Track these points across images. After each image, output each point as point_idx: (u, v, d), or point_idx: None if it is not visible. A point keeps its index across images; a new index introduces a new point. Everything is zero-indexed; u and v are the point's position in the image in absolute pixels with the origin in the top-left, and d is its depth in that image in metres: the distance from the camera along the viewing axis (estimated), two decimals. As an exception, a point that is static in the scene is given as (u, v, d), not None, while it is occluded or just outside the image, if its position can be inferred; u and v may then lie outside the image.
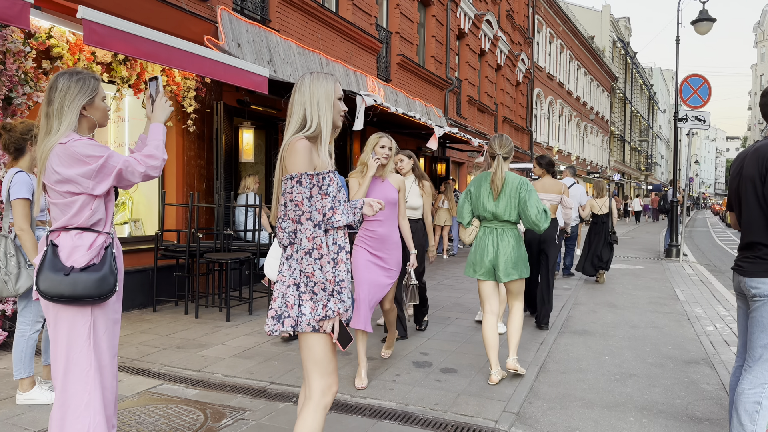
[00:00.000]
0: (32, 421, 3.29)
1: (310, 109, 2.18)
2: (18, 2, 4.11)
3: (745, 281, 2.67)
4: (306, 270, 2.08)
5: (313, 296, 2.09)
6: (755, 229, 2.64)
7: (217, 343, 5.00)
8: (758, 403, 2.61)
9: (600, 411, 3.60)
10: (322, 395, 2.15)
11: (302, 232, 2.09)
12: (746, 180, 2.65)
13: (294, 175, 2.10)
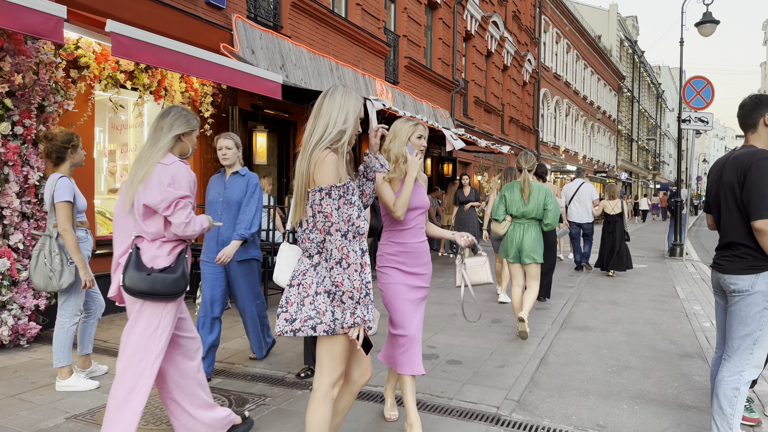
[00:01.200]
0: (72, 406, 3.59)
1: (337, 116, 2.30)
2: (52, 18, 4.41)
3: (725, 278, 2.93)
4: (336, 279, 2.19)
5: (341, 304, 2.21)
6: (734, 230, 2.89)
7: (236, 337, 5.31)
8: (737, 389, 2.86)
9: (595, 399, 3.86)
10: (330, 388, 2.33)
11: (331, 242, 2.20)
12: (726, 186, 2.90)
13: (324, 188, 2.21)
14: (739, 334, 2.87)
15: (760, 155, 2.75)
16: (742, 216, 2.84)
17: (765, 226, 2.68)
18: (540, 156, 25.59)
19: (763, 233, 2.71)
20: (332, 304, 2.24)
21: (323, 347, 2.33)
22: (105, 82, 5.88)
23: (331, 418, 2.36)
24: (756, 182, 2.73)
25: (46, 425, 3.28)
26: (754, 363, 2.84)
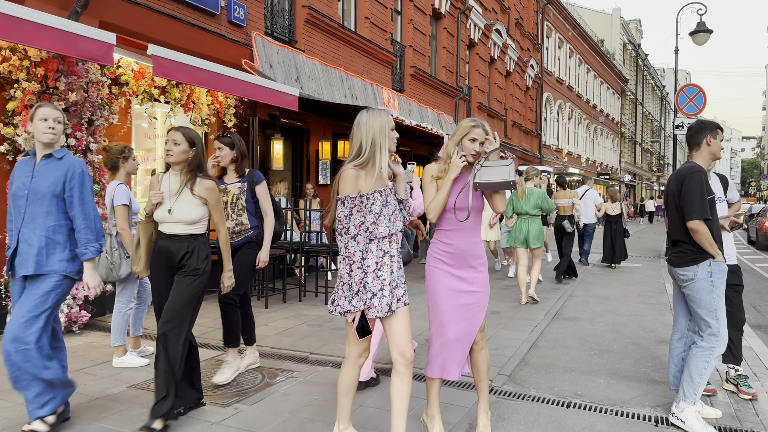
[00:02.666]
0: (129, 378, 4.23)
1: (365, 141, 2.70)
2: (104, 45, 5.08)
3: (675, 270, 3.56)
4: (341, 272, 2.69)
5: (343, 293, 2.69)
6: (677, 230, 3.54)
7: (260, 325, 5.94)
8: (707, 362, 3.46)
9: (577, 375, 4.47)
10: (357, 357, 2.86)
11: (341, 241, 2.68)
12: (670, 195, 3.56)
13: (340, 197, 2.68)
14: (701, 315, 3.48)
15: (694, 169, 3.41)
16: (681, 218, 3.48)
17: (695, 226, 3.34)
18: (543, 159, 26.17)
19: (695, 231, 3.36)
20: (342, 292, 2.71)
21: (348, 326, 2.82)
22: (141, 96, 6.54)
23: (356, 381, 2.90)
24: (688, 191, 3.38)
25: (112, 392, 3.93)
26: (721, 341, 3.45)
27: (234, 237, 4.15)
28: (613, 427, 3.46)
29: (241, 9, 8.12)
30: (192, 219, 3.40)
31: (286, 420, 3.47)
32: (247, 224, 4.18)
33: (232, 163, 4.23)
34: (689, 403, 3.43)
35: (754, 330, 6.48)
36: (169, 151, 3.39)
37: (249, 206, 4.18)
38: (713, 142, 3.59)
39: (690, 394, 3.45)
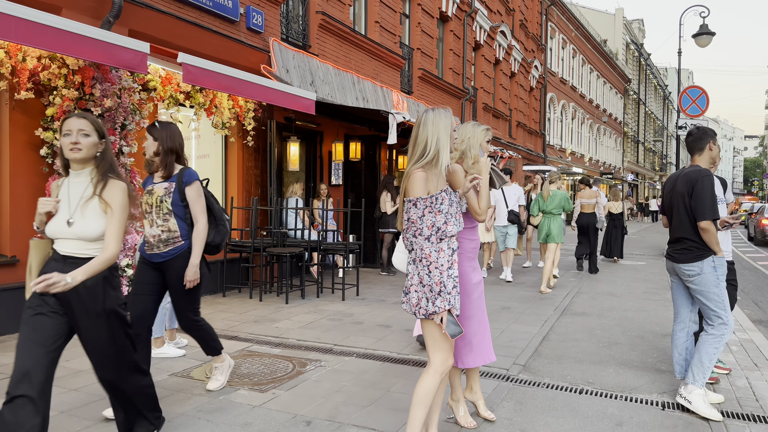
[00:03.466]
0: (169, 367, 4.53)
1: (431, 140, 2.74)
2: (139, 53, 5.37)
3: (680, 267, 3.83)
4: (420, 275, 2.69)
5: (424, 295, 2.68)
6: (683, 228, 3.81)
7: (283, 319, 6.24)
8: (716, 348, 3.75)
9: (587, 365, 4.76)
10: (440, 365, 2.75)
11: (417, 244, 2.70)
12: (678, 195, 3.82)
13: (411, 199, 2.72)
14: (710, 307, 3.76)
15: (704, 173, 3.69)
16: (689, 217, 3.75)
17: (707, 226, 3.62)
18: (547, 159, 26.43)
19: (705, 231, 3.64)
20: (422, 293, 2.70)
21: (426, 328, 2.79)
22: (168, 101, 6.84)
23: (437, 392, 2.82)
24: (701, 193, 3.65)
25: (155, 380, 4.20)
26: (730, 328, 3.74)
27: (161, 246, 3.57)
28: (623, 411, 3.74)
29: (259, 16, 8.41)
30: (96, 234, 2.66)
31: (320, 403, 3.76)
32: (176, 231, 3.56)
33: (155, 157, 3.66)
34: (698, 386, 3.71)
35: (755, 324, 6.75)
36: (75, 145, 2.64)
37: (178, 210, 3.57)
38: (714, 147, 3.89)
39: (699, 378, 3.73)
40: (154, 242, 3.60)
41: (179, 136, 3.71)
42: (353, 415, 3.58)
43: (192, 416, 3.52)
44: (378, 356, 4.88)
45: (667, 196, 3.99)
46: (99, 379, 2.78)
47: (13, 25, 4.39)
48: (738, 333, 5.90)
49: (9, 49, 5.20)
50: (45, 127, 5.55)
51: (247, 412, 3.59)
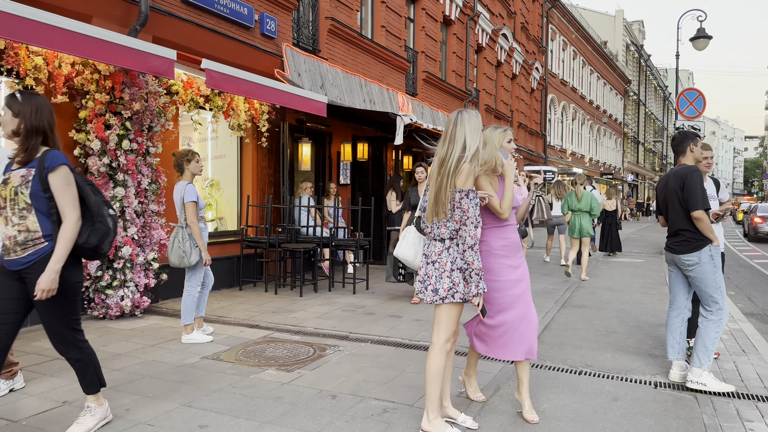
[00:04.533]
0: (199, 351, 4.89)
1: (470, 138, 3.02)
2: (167, 60, 5.75)
3: (680, 257, 4.18)
4: (468, 259, 2.96)
5: (470, 278, 2.96)
6: (679, 221, 4.17)
7: (300, 310, 6.61)
8: (717, 332, 4.11)
9: (586, 351, 5.12)
10: (446, 342, 3.11)
11: (466, 231, 2.95)
12: (671, 191, 4.18)
13: (464, 190, 2.96)
14: (708, 293, 4.12)
15: (692, 168, 4.08)
16: (684, 210, 4.12)
17: (699, 215, 3.99)
18: (548, 159, 26.79)
19: (698, 219, 4.00)
20: (463, 278, 3.00)
21: (443, 311, 3.06)
22: (188, 104, 7.21)
23: (445, 367, 3.17)
24: (691, 185, 4.02)
25: (189, 362, 4.59)
26: (726, 312, 4.11)
27: (18, 250, 2.85)
28: (618, 389, 4.10)
29: (272, 22, 8.78)
30: None
31: (343, 381, 4.13)
32: (36, 230, 2.85)
33: (13, 137, 2.89)
34: (705, 369, 4.06)
35: (747, 317, 7.11)
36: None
37: (38, 204, 2.84)
38: (695, 149, 4.26)
39: (705, 361, 4.08)
40: (10, 245, 2.87)
41: (49, 112, 2.93)
42: (373, 390, 3.94)
43: (227, 391, 3.89)
44: (391, 342, 5.25)
45: (660, 194, 4.36)
46: None
47: (55, 35, 4.77)
48: (730, 323, 6.26)
49: (46, 56, 5.57)
50: (78, 129, 5.92)
51: (277, 388, 3.96)
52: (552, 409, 3.67)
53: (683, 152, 4.27)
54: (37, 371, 4.25)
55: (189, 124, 7.58)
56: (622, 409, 3.70)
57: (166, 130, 6.61)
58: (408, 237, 3.45)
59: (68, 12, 5.77)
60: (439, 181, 3.04)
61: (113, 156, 5.91)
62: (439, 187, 3.03)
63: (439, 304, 3.09)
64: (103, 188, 5.91)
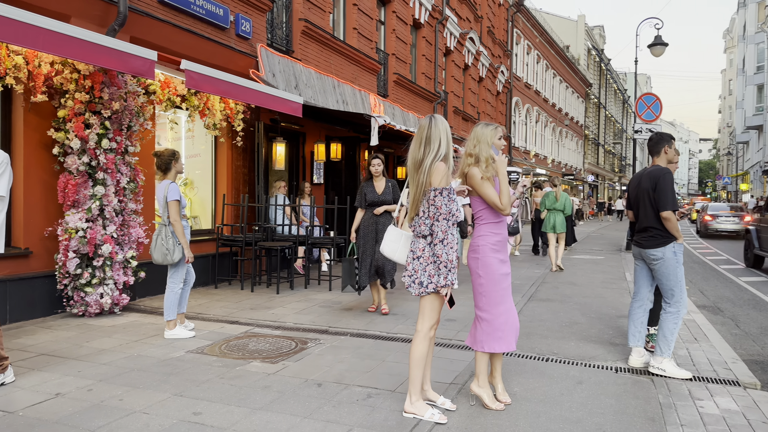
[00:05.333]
0: (183, 346, 5.02)
1: (444, 140, 3.26)
2: (148, 61, 5.84)
3: (646, 252, 4.51)
4: (437, 253, 3.22)
5: (439, 271, 3.23)
6: (648, 219, 4.49)
7: (278, 306, 6.77)
8: (676, 323, 4.46)
9: (552, 340, 5.46)
10: (429, 330, 3.38)
11: (437, 226, 3.20)
12: (643, 190, 4.50)
13: (438, 188, 3.20)
14: (669, 285, 4.46)
15: (664, 171, 4.40)
16: (654, 209, 4.44)
17: (668, 215, 4.33)
18: (512, 160, 27.44)
19: (667, 219, 4.34)
20: (438, 271, 3.25)
21: (427, 301, 3.34)
22: (165, 104, 7.28)
23: (427, 353, 3.40)
24: (663, 187, 4.35)
25: (175, 356, 4.72)
26: (684, 304, 4.46)
27: None
28: (582, 373, 4.43)
29: (247, 23, 8.90)
30: None
31: (326, 371, 4.34)
32: None
33: None
34: (666, 356, 4.42)
35: (699, 308, 7.60)
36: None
37: None
38: (669, 150, 4.59)
39: (665, 350, 4.43)
40: None
41: None
42: (356, 378, 4.17)
43: (216, 382, 4.05)
44: (370, 335, 5.48)
45: (633, 192, 4.68)
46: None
47: (40, 35, 4.82)
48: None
49: (26, 56, 5.60)
50: (57, 128, 5.95)
51: (264, 378, 4.15)
52: (522, 392, 3.96)
53: (658, 153, 4.58)
54: (24, 366, 4.32)
55: (164, 123, 7.65)
56: (586, 391, 4.02)
57: (145, 130, 6.68)
58: (389, 235, 3.66)
59: (47, 11, 5.81)
60: (417, 181, 3.29)
61: (93, 155, 5.96)
62: (417, 186, 3.28)
63: (423, 295, 3.34)
64: (82, 187, 5.96)
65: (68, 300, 6.07)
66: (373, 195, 6.30)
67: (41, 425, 3.26)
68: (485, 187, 3.50)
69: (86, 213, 5.94)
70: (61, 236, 5.93)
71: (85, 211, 5.94)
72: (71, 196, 5.90)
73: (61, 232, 5.94)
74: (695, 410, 3.72)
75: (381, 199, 6.28)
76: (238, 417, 3.42)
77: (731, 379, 4.35)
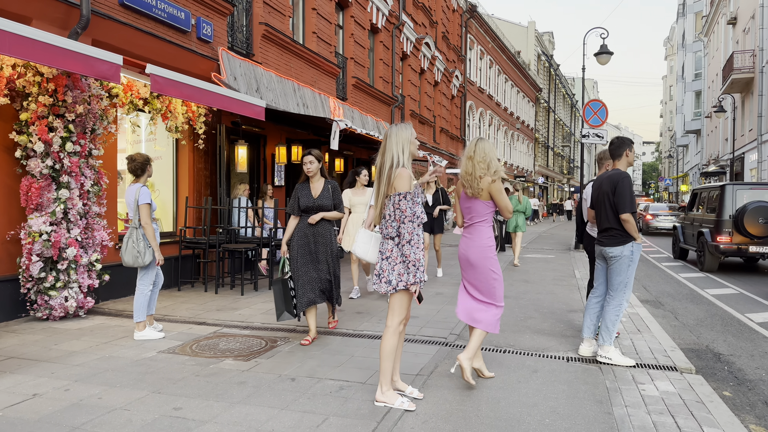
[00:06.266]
0: (154, 347, 5.10)
1: (398, 148, 3.54)
2: (114, 65, 5.86)
3: (606, 249, 4.87)
4: (405, 253, 3.49)
5: (407, 269, 3.49)
6: (608, 220, 4.83)
7: (244, 307, 6.89)
8: (617, 315, 4.84)
9: (509, 333, 5.81)
10: (398, 325, 3.64)
11: (404, 228, 3.47)
12: (604, 193, 4.86)
13: (401, 193, 3.47)
14: (618, 281, 4.82)
15: (624, 175, 4.76)
16: (614, 211, 4.81)
17: (627, 217, 4.68)
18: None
19: (626, 221, 4.70)
20: (407, 270, 3.52)
21: (396, 298, 3.61)
22: (128, 107, 7.28)
23: (397, 347, 3.68)
24: (622, 191, 4.71)
25: (147, 356, 4.81)
26: (626, 298, 4.85)
27: None
28: (537, 363, 4.79)
29: (208, 26, 8.95)
30: None
31: (298, 367, 4.53)
32: None
33: None
34: (607, 344, 4.80)
35: (642, 303, 8.14)
36: None
37: None
38: (630, 153, 4.97)
39: (607, 339, 4.81)
40: None
41: None
42: (328, 373, 4.38)
43: (192, 379, 4.19)
44: (337, 333, 5.69)
45: (594, 193, 5.03)
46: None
47: (5, 39, 4.81)
48: (628, 309, 7.21)
49: (-12, 58, 5.55)
50: (19, 131, 5.91)
51: (239, 375, 4.31)
52: (483, 381, 4.27)
53: (619, 156, 4.93)
54: (-5, 369, 4.34)
55: (126, 125, 7.63)
56: (541, 379, 4.36)
57: (108, 133, 6.68)
58: (360, 237, 3.91)
59: (7, 13, 5.79)
60: (381, 187, 3.58)
61: (57, 158, 5.95)
62: (379, 192, 3.60)
63: (392, 293, 3.60)
64: (45, 190, 5.94)
65: (32, 304, 6.03)
66: (307, 199, 5.31)
67: (23, 424, 3.34)
68: (503, 195, 4.06)
69: (50, 216, 5.92)
70: (24, 240, 5.89)
71: (49, 215, 5.92)
72: (34, 199, 5.87)
73: (24, 235, 5.89)
74: (638, 393, 4.11)
75: (317, 203, 5.29)
76: (217, 411, 3.59)
77: (670, 365, 4.79)
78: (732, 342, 6.18)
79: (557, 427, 3.44)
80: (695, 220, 13.23)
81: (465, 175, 4.09)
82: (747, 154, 28.09)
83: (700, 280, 10.99)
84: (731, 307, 8.11)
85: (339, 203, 5.48)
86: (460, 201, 4.19)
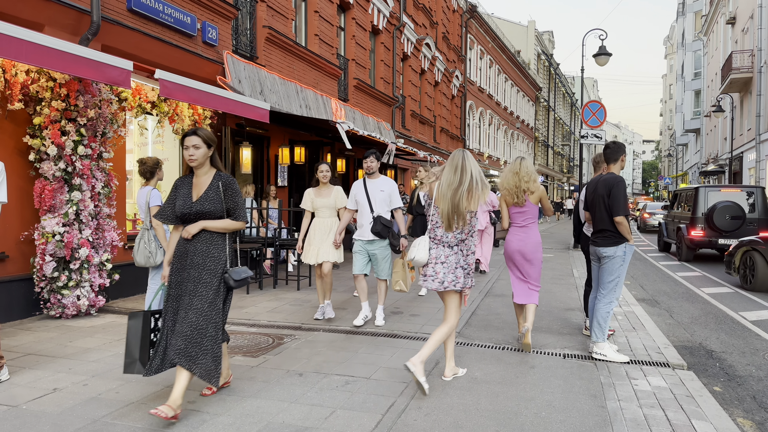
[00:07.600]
0: (165, 343, 5.29)
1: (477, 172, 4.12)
2: (124, 71, 6.05)
3: (600, 249, 5.06)
4: (468, 262, 4.13)
5: (467, 276, 4.13)
6: (603, 221, 5.02)
7: (250, 306, 7.08)
8: (608, 312, 5.03)
9: (507, 331, 5.99)
10: (455, 322, 4.23)
11: (471, 241, 4.12)
12: (599, 196, 5.04)
13: (473, 211, 4.06)
14: (609, 279, 5.02)
15: (618, 179, 4.95)
16: (608, 213, 4.99)
17: (621, 220, 4.87)
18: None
19: (620, 223, 4.88)
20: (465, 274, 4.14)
21: (455, 298, 4.21)
22: (136, 110, 7.47)
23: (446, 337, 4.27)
24: (616, 194, 4.90)
25: (158, 352, 4.99)
26: (616, 296, 5.04)
27: None
28: (534, 359, 4.97)
29: (213, 30, 9.13)
30: None
31: (305, 362, 4.72)
32: None
33: None
34: (600, 340, 4.99)
35: (638, 301, 8.33)
36: None
37: None
38: (624, 158, 5.17)
39: (600, 335, 5.01)
40: None
41: None
42: (334, 368, 4.57)
43: (204, 375, 4.37)
44: (341, 330, 5.88)
45: (590, 196, 5.21)
46: None
47: (23, 47, 4.99)
48: (624, 307, 7.39)
49: (3, 65, 5.73)
50: (32, 135, 6.09)
51: (249, 370, 4.50)
52: (483, 376, 4.46)
53: (615, 160, 5.13)
54: (15, 365, 4.52)
55: (134, 128, 7.81)
56: (538, 374, 4.55)
57: (118, 136, 6.86)
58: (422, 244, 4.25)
59: (21, 20, 5.97)
60: (455, 202, 4.04)
61: (69, 161, 6.14)
62: (455, 207, 4.04)
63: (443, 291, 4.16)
64: (58, 192, 6.13)
65: (45, 302, 6.22)
66: (184, 202, 3.66)
67: (47, 416, 3.53)
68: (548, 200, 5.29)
69: (63, 217, 6.11)
70: (37, 240, 6.07)
71: (61, 216, 6.11)
72: (48, 201, 6.06)
73: (37, 236, 6.08)
74: (630, 388, 4.30)
75: (196, 209, 3.61)
76: (230, 404, 3.77)
77: (663, 362, 4.97)
78: (725, 339, 6.36)
79: (552, 420, 3.63)
80: (675, 217, 15.02)
81: (513, 188, 5.14)
82: (746, 153, 28.26)
83: (697, 279, 11.18)
84: (726, 306, 8.29)
85: (237, 206, 3.75)
86: (510, 208, 5.31)
